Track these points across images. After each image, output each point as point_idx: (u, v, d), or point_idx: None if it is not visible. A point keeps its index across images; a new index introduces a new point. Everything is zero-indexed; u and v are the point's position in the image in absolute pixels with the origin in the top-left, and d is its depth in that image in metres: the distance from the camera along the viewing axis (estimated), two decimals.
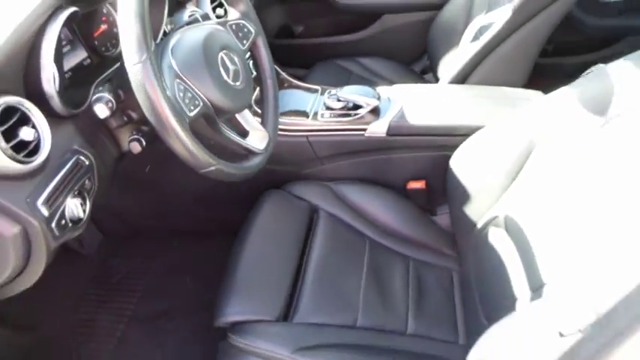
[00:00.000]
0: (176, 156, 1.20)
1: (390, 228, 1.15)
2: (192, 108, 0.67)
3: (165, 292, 1.19)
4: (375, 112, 1.15)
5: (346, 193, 1.18)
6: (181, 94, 0.66)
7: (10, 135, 0.58)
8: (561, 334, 0.56)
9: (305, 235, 1.08)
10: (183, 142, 0.65)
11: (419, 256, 1.12)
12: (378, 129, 1.12)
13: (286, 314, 0.92)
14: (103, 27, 0.84)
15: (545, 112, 0.94)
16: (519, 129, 0.98)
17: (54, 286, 1.21)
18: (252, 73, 0.85)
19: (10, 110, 0.59)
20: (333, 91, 1.20)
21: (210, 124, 0.74)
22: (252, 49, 0.90)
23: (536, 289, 0.78)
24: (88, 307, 1.17)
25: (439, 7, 1.63)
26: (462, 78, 1.26)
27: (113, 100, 0.71)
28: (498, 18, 1.21)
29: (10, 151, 0.56)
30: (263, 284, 0.94)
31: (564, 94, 0.92)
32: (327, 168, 1.21)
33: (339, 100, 1.17)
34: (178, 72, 0.67)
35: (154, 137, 0.77)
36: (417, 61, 1.83)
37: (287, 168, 1.22)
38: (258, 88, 1.03)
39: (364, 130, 1.13)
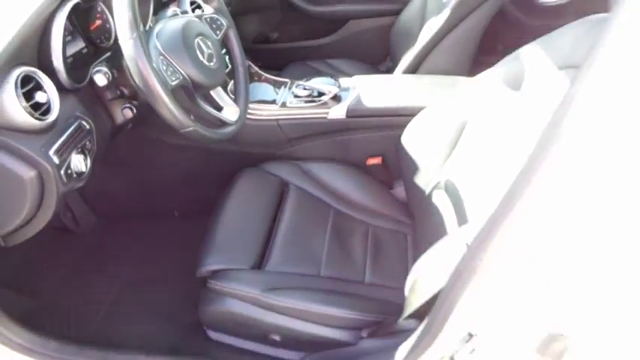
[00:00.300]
0: (161, 141, 1.36)
1: (352, 199, 1.30)
2: (173, 79, 0.83)
3: (153, 261, 1.33)
4: (336, 98, 1.32)
5: (314, 170, 1.34)
6: (164, 67, 0.82)
7: (28, 97, 0.73)
8: (467, 245, 0.73)
9: (277, 204, 1.23)
10: (166, 104, 0.80)
11: (377, 222, 1.27)
12: (338, 112, 1.29)
13: (259, 265, 1.06)
14: (98, 22, 1.00)
15: (472, 93, 1.12)
16: (454, 108, 1.16)
17: (53, 259, 1.34)
18: (224, 57, 1.01)
19: (27, 78, 0.74)
20: (300, 82, 1.37)
21: (189, 97, 0.90)
22: (225, 40, 1.07)
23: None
24: (83, 276, 1.30)
25: (398, 12, 1.83)
26: (413, 69, 1.45)
27: (110, 72, 0.86)
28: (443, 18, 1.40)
29: (29, 109, 0.71)
30: (239, 241, 1.09)
31: (486, 77, 1.10)
32: (296, 149, 1.38)
33: (305, 89, 1.34)
34: (162, 51, 0.83)
35: (142, 108, 0.92)
36: (382, 62, 2.01)
37: (261, 150, 1.37)
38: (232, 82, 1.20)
39: (326, 113, 1.30)
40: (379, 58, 1.98)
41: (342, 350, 0.99)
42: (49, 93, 0.77)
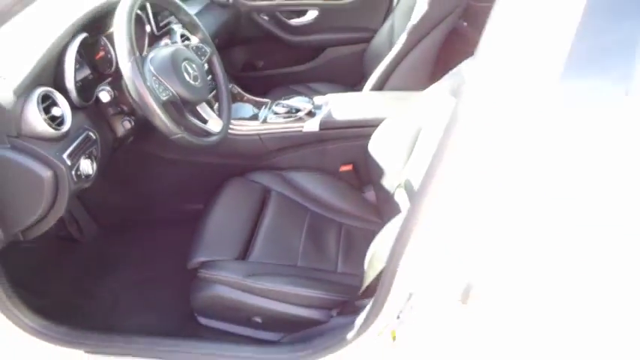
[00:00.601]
0: (157, 157, 1.52)
1: (327, 202, 1.47)
2: (164, 95, 1.01)
3: (150, 263, 1.47)
4: (311, 114, 1.50)
5: (293, 178, 1.51)
6: (156, 86, 1.00)
7: (46, 111, 0.90)
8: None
9: (259, 207, 1.39)
10: (158, 114, 0.98)
11: (350, 222, 1.43)
12: (312, 126, 1.47)
13: (243, 257, 1.21)
14: (102, 53, 1.18)
15: (424, 104, 1.29)
16: (410, 117, 1.33)
17: (60, 264, 1.49)
18: (208, 78, 1.19)
19: (46, 96, 0.91)
20: (279, 101, 1.56)
21: (178, 111, 1.08)
22: (210, 64, 1.26)
23: None
24: (88, 278, 1.44)
25: (369, 39, 2.03)
26: (379, 87, 1.64)
27: (112, 92, 1.04)
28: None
29: (48, 120, 0.88)
30: (224, 237, 1.24)
31: (434, 89, 1.28)
32: (277, 160, 1.55)
33: (283, 107, 1.52)
34: (154, 72, 1.01)
35: (140, 122, 1.10)
36: (358, 84, 2.20)
37: (246, 162, 1.54)
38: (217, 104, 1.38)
39: (302, 127, 1.47)
40: (355, 80, 2.17)
41: (316, 329, 1.13)
42: (62, 108, 0.94)
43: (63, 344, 1.07)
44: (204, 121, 1.18)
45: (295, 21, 2.17)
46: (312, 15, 2.15)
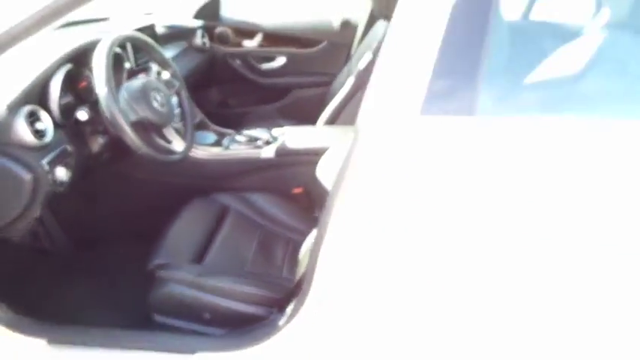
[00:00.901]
0: (129, 177, 1.71)
1: (279, 220, 1.64)
2: (133, 116, 1.21)
3: (116, 272, 1.62)
4: (268, 142, 1.71)
5: (251, 198, 1.69)
6: (127, 108, 1.20)
7: (32, 125, 1.09)
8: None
9: (217, 222, 1.56)
10: (126, 131, 1.17)
11: (298, 237, 1.60)
12: (269, 152, 1.67)
13: (198, 262, 1.37)
14: (84, 83, 1.39)
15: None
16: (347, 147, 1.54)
17: (32, 274, 1.62)
18: (173, 105, 1.41)
19: (33, 112, 1.11)
20: (241, 131, 1.77)
21: (146, 132, 1.27)
22: (178, 95, 1.47)
23: None
24: (56, 285, 1.57)
25: (330, 83, 2.29)
26: (331, 121, 1.87)
27: (89, 112, 1.24)
28: None
29: (33, 132, 1.07)
30: (182, 244, 1.40)
31: None
32: (238, 183, 1.73)
33: (244, 136, 1.73)
34: (127, 98, 1.22)
35: (112, 139, 1.29)
36: None
37: (210, 183, 1.72)
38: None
39: (260, 153, 1.68)
40: (317, 119, 2.41)
41: (257, 325, 1.28)
42: (46, 124, 1.13)
43: (26, 334, 1.20)
44: (169, 142, 1.37)
45: (265, 65, 2.44)
46: (280, 61, 2.43)
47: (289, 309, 1.13)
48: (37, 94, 1.16)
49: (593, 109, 0.88)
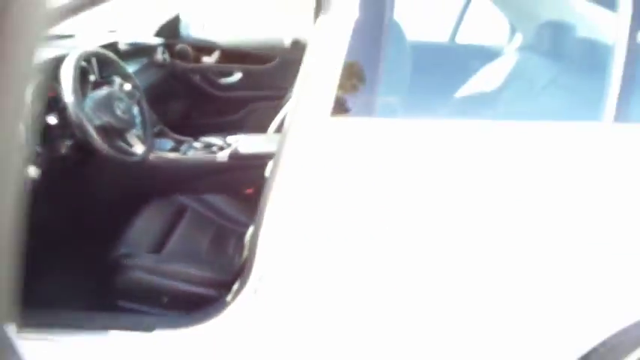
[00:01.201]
0: (89, 181, 1.86)
1: (233, 218, 1.83)
2: (97, 121, 1.38)
3: (82, 268, 1.75)
4: (222, 148, 1.90)
5: (207, 199, 1.86)
6: (92, 114, 1.37)
7: None
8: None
9: (176, 219, 1.72)
10: (91, 134, 1.34)
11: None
12: (223, 157, 1.86)
13: (157, 252, 1.53)
14: (53, 93, 1.55)
15: None
16: None
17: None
18: (134, 114, 1.58)
19: None
20: (198, 138, 1.95)
21: (109, 135, 1.44)
22: (138, 105, 1.65)
23: None
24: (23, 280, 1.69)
25: (283, 97, 2.50)
26: (280, 129, 2.07)
27: (57, 118, 1.40)
28: None
29: None
30: (144, 237, 1.56)
31: None
32: (195, 185, 1.91)
33: (200, 143, 1.92)
34: (92, 106, 1.39)
35: (79, 142, 1.45)
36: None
37: (169, 187, 1.89)
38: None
39: (215, 157, 1.86)
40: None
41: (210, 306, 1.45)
42: None
43: None
44: (130, 145, 1.54)
45: (223, 80, 2.63)
46: (237, 76, 2.63)
47: (235, 287, 1.31)
48: None
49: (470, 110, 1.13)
